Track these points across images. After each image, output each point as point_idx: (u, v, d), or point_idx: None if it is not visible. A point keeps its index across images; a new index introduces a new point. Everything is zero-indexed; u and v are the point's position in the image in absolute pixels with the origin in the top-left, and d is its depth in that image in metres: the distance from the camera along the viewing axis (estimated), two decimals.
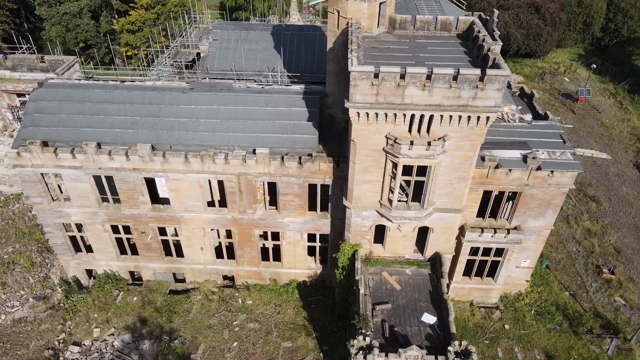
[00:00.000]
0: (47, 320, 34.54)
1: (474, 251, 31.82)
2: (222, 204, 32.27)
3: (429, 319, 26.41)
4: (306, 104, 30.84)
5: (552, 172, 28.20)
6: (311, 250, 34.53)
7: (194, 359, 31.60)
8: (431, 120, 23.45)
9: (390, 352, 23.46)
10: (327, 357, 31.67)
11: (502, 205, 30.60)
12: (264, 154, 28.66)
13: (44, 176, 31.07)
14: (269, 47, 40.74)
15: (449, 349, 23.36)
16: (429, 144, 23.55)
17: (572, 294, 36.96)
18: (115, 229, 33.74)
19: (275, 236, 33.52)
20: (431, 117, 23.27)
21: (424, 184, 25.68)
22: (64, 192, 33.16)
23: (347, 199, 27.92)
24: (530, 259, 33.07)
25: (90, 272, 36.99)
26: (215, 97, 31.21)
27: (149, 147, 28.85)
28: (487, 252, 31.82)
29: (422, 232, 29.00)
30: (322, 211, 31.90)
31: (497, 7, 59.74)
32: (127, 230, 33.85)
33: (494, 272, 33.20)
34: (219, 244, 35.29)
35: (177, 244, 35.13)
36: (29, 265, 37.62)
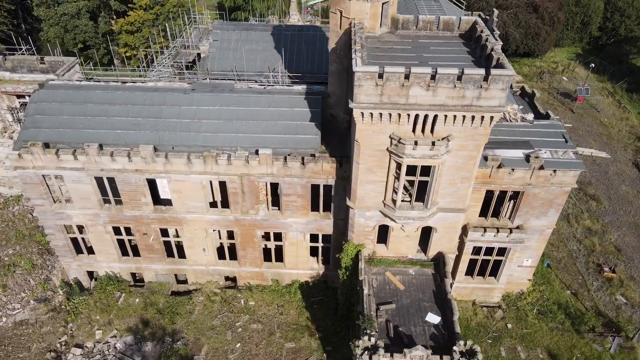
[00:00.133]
0: (49, 322, 34.41)
1: (477, 250, 31.85)
2: (225, 204, 32.19)
3: (433, 318, 26.41)
4: (308, 104, 30.81)
5: (555, 171, 28.26)
6: (313, 250, 34.51)
7: None
8: (435, 120, 23.45)
9: (395, 352, 23.42)
10: (330, 357, 31.65)
11: (504, 204, 30.65)
12: (267, 155, 28.61)
13: (45, 178, 30.95)
14: (270, 47, 40.72)
15: (454, 348, 23.35)
16: (433, 144, 23.54)
17: (574, 292, 37.06)
18: (117, 231, 33.64)
19: (277, 237, 33.47)
20: (435, 117, 23.27)
21: (427, 184, 25.68)
22: (65, 193, 33.01)
23: (350, 199, 27.89)
24: (532, 258, 33.14)
25: (91, 274, 36.84)
26: (217, 98, 31.15)
27: (152, 148, 28.75)
28: (489, 251, 31.86)
29: (425, 232, 28.99)
30: (324, 211, 31.87)
31: (495, 7, 59.87)
32: (129, 231, 33.77)
33: (496, 271, 33.24)
34: (221, 245, 35.18)
35: (178, 245, 35.04)
36: (30, 267, 37.46)
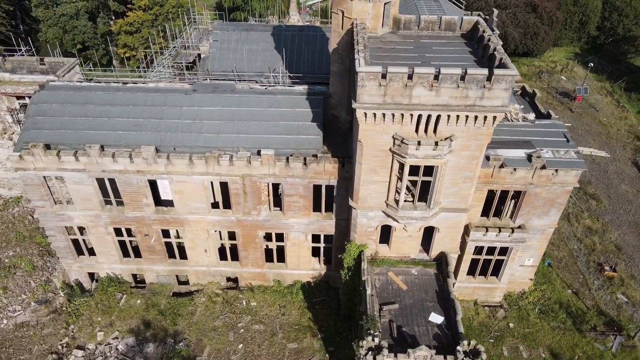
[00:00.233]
0: (50, 324, 34.31)
1: (479, 250, 31.87)
2: (226, 205, 32.14)
3: (437, 318, 26.42)
4: (310, 104, 30.79)
5: (557, 170, 28.31)
6: (315, 251, 34.48)
7: None
8: (438, 120, 23.45)
9: (399, 352, 23.43)
10: (333, 358, 31.64)
11: (506, 204, 30.68)
12: (269, 155, 28.57)
13: (46, 179, 30.84)
14: (270, 47, 40.69)
15: (458, 348, 23.37)
16: (436, 144, 23.55)
17: (575, 291, 37.13)
18: (118, 232, 33.56)
19: (279, 237, 33.43)
20: (438, 117, 23.28)
21: (430, 184, 25.69)
22: (66, 195, 32.86)
23: (353, 200, 27.88)
24: (534, 257, 33.20)
25: (92, 276, 36.73)
26: (218, 99, 31.11)
27: (153, 149, 28.68)
28: (491, 251, 31.88)
29: (428, 232, 29.01)
30: (326, 212, 31.86)
31: (494, 7, 59.95)
32: (130, 232, 33.69)
33: (498, 271, 33.29)
34: (222, 246, 35.11)
35: (180, 245, 34.97)
36: (30, 269, 37.35)
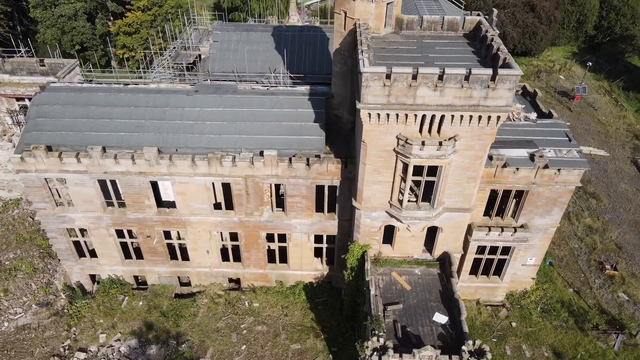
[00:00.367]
0: (52, 326, 34.15)
1: (481, 250, 31.91)
2: (228, 206, 32.06)
3: (441, 318, 26.43)
4: (312, 105, 30.76)
5: (559, 170, 28.37)
6: (318, 251, 34.45)
7: None
8: (442, 120, 23.45)
9: (404, 352, 23.43)
10: (336, 358, 31.61)
11: (508, 203, 30.73)
12: (272, 156, 28.52)
13: (48, 181, 30.70)
14: (270, 48, 40.66)
15: (463, 348, 23.38)
16: (440, 144, 23.55)
17: (576, 290, 37.23)
18: (120, 234, 33.46)
19: (281, 238, 33.38)
20: (442, 117, 23.27)
21: (434, 184, 25.70)
22: (68, 196, 32.71)
23: (356, 200, 27.86)
24: (536, 256, 33.28)
25: (93, 277, 36.60)
26: (220, 99, 31.05)
27: (156, 151, 28.60)
28: (493, 250, 31.92)
29: (431, 232, 29.02)
30: (329, 212, 31.84)
31: (493, 6, 60.09)
32: (132, 234, 33.57)
33: (500, 270, 33.33)
34: (224, 247, 35.06)
35: (182, 247, 34.90)
36: (31, 271, 37.19)
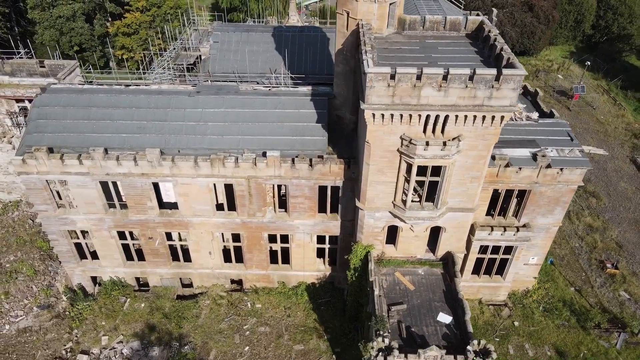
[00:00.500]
0: (53, 329, 33.99)
1: (484, 249, 31.95)
2: (231, 207, 31.99)
3: (445, 318, 26.44)
4: (314, 105, 30.73)
5: (562, 169, 28.44)
6: (320, 252, 34.42)
7: None
8: (446, 120, 23.46)
9: (409, 352, 23.41)
10: (340, 359, 31.58)
11: (511, 203, 30.77)
12: (275, 157, 28.47)
13: (49, 183, 30.56)
14: (271, 48, 40.60)
15: (468, 348, 23.39)
16: (444, 144, 23.57)
17: (578, 289, 37.33)
18: (121, 235, 33.34)
19: (284, 239, 33.33)
20: (446, 117, 23.29)
21: (437, 184, 25.71)
22: (69, 198, 32.57)
23: (359, 201, 27.84)
24: (538, 256, 33.33)
25: (95, 279, 36.47)
26: (222, 100, 30.98)
27: (158, 152, 28.50)
28: (496, 250, 31.99)
29: (434, 232, 29.03)
30: (332, 213, 31.81)
31: (492, 6, 60.21)
32: (134, 236, 33.46)
33: (502, 269, 33.39)
34: (227, 248, 34.99)
35: (184, 248, 34.81)
36: (32, 273, 36.99)
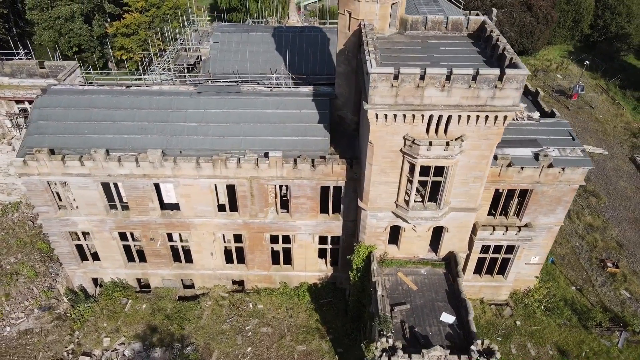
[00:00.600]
0: (54, 331, 33.88)
1: (485, 249, 31.99)
2: (232, 208, 31.93)
3: (448, 318, 26.45)
4: (316, 105, 30.71)
5: (563, 169, 28.49)
6: (322, 252, 34.39)
7: None
8: (449, 120, 23.46)
9: (413, 353, 23.40)
10: (342, 359, 31.57)
11: (512, 203, 30.80)
12: (277, 157, 28.44)
13: (50, 184, 30.47)
14: (271, 49, 40.60)
15: (472, 348, 23.39)
16: (447, 144, 23.57)
17: (579, 288, 37.40)
18: (123, 236, 33.25)
19: (286, 239, 33.30)
20: (449, 117, 23.28)
21: (440, 184, 25.72)
22: (70, 199, 32.51)
23: (362, 201, 27.83)
24: (540, 255, 33.40)
25: (96, 281, 36.37)
26: (224, 101, 30.93)
27: (160, 153, 28.43)
28: (498, 249, 32.03)
29: (436, 232, 29.03)
30: (334, 213, 31.80)
31: (491, 6, 60.24)
32: (135, 237, 33.39)
33: (504, 269, 33.44)
34: (228, 249, 34.92)
35: (185, 249, 34.74)
36: (33, 275, 36.89)
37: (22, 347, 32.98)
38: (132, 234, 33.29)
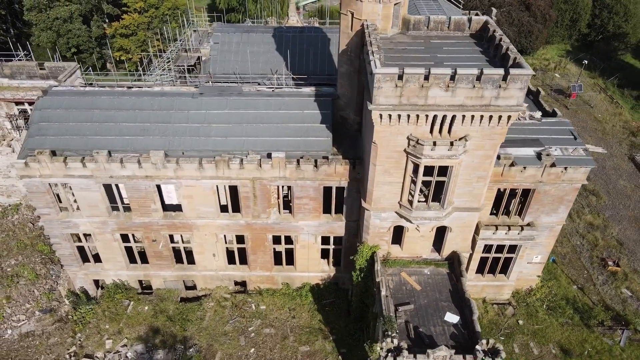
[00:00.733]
0: (56, 333, 33.74)
1: (488, 248, 32.01)
2: (235, 209, 31.86)
3: (452, 318, 26.47)
4: (318, 106, 30.68)
5: (566, 168, 28.55)
6: (324, 253, 34.36)
7: None
8: (453, 120, 23.46)
9: (418, 353, 23.39)
10: (345, 359, 31.56)
11: (514, 202, 30.85)
12: (280, 158, 28.39)
13: (52, 186, 30.33)
14: (271, 49, 40.61)
15: (477, 347, 23.41)
16: (451, 144, 23.57)
17: (580, 287, 37.51)
18: (125, 238, 33.13)
19: (288, 240, 33.27)
20: (453, 117, 23.28)
21: (444, 184, 25.73)
22: (71, 201, 32.35)
23: (365, 201, 27.81)
24: (542, 254, 33.46)
25: (97, 283, 36.24)
26: (226, 102, 30.86)
27: (162, 154, 28.33)
28: (500, 249, 32.03)
29: (439, 232, 29.04)
30: (336, 214, 31.77)
31: (489, 5, 60.38)
32: (137, 238, 33.29)
33: (506, 268, 33.48)
34: (230, 250, 34.83)
35: (187, 250, 34.63)
36: (34, 277, 36.73)
37: (24, 349, 32.84)
38: (133, 236, 33.20)
